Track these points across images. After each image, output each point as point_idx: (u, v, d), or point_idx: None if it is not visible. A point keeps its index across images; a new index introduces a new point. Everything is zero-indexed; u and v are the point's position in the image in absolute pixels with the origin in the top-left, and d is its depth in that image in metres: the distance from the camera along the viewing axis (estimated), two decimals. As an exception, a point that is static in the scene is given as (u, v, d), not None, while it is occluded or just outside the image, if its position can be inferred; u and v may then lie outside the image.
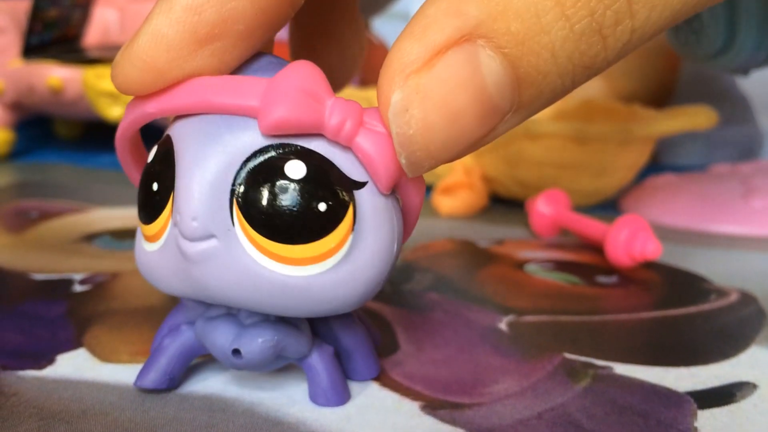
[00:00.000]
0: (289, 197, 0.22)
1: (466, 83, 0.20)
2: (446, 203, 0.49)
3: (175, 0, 0.22)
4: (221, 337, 0.24)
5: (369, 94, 0.56)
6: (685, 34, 0.46)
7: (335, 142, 0.22)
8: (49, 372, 0.27)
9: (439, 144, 0.21)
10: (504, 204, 0.52)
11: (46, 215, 0.46)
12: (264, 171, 0.22)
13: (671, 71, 0.69)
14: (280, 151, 0.22)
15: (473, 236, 0.45)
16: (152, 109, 0.24)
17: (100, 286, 0.35)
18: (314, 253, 0.22)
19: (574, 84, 0.21)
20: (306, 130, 0.22)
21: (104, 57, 0.62)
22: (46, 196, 0.51)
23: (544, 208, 0.44)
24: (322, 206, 0.22)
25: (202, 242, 0.22)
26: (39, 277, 0.36)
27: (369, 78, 0.71)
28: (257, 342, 0.24)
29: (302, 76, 0.22)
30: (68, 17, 0.66)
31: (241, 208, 0.22)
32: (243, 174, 0.22)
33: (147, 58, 0.23)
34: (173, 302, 0.32)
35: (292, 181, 0.22)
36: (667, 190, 0.51)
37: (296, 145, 0.22)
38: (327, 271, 0.23)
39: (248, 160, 0.22)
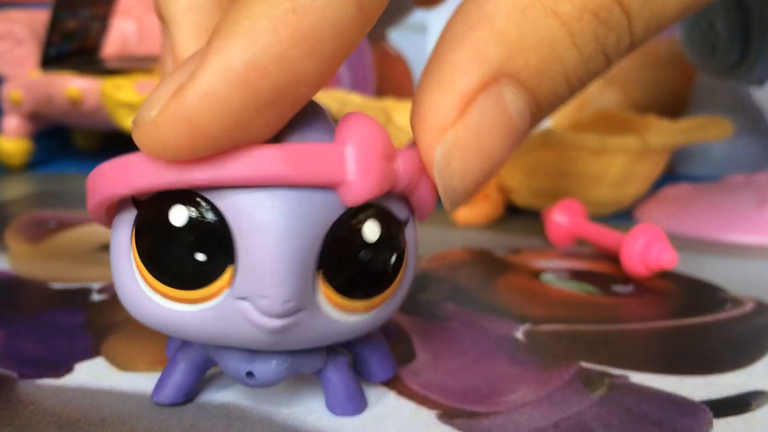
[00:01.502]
0: (370, 260, 0.23)
1: (497, 124, 0.21)
2: (463, 213, 0.49)
3: (232, 54, 0.19)
4: (234, 359, 0.24)
5: (385, 104, 0.56)
6: (701, 47, 0.46)
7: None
8: (68, 380, 0.27)
9: (476, 182, 0.22)
10: (520, 213, 0.52)
11: (64, 225, 0.47)
12: (346, 238, 0.22)
13: (686, 82, 0.69)
14: (359, 216, 0.22)
15: (490, 245, 0.45)
16: (202, 177, 0.21)
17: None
18: (385, 297, 0.24)
19: (581, 91, 0.23)
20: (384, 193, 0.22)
21: (123, 68, 0.63)
22: (65, 206, 0.52)
23: (560, 218, 0.44)
24: (393, 258, 0.23)
25: (289, 317, 0.22)
26: (57, 286, 0.37)
27: (385, 88, 0.71)
28: (271, 365, 0.24)
29: (376, 140, 0.22)
30: (87, 29, 0.66)
31: (325, 276, 0.22)
32: (326, 245, 0.22)
33: (199, 124, 0.19)
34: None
35: (371, 244, 0.22)
36: (682, 199, 0.51)
37: (369, 205, 0.22)
38: (384, 307, 0.24)
39: (330, 230, 0.22)
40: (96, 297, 0.35)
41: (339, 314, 0.23)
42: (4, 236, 0.44)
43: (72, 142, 0.73)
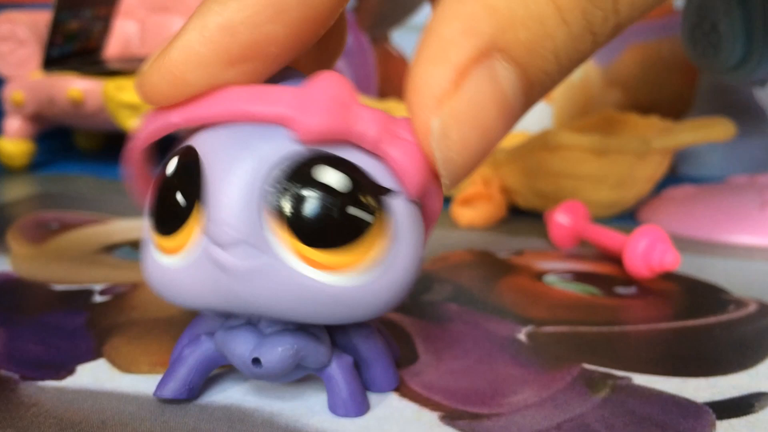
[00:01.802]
0: (319, 203, 0.22)
1: (492, 98, 0.21)
2: (465, 214, 0.49)
3: (209, 18, 0.23)
4: (241, 346, 0.24)
5: (388, 106, 0.56)
6: (703, 47, 0.46)
7: (364, 151, 0.23)
8: (69, 382, 0.27)
9: (474, 156, 0.22)
10: (523, 215, 0.52)
11: (66, 226, 0.47)
12: (294, 177, 0.22)
13: (689, 83, 0.69)
14: (311, 158, 0.22)
15: (492, 247, 0.45)
16: (177, 119, 0.24)
17: (120, 296, 0.35)
18: (350, 260, 0.23)
19: (569, 75, 0.23)
20: (337, 138, 0.22)
21: (125, 69, 0.63)
22: (67, 207, 0.52)
23: (563, 220, 0.44)
24: (353, 211, 0.22)
25: (238, 250, 0.22)
26: (59, 287, 0.37)
27: (387, 89, 0.71)
28: (277, 351, 0.24)
29: (333, 86, 0.22)
30: (89, 29, 0.66)
31: (271, 213, 0.22)
32: (274, 180, 0.22)
33: (177, 72, 0.23)
34: (193, 313, 0.32)
35: (322, 186, 0.22)
36: (685, 201, 0.51)
37: (326, 152, 0.23)
38: (366, 278, 0.23)
39: (279, 166, 0.22)
40: (98, 298, 0.35)
41: (301, 266, 0.22)
42: (6, 237, 0.44)
43: (74, 144, 0.73)
